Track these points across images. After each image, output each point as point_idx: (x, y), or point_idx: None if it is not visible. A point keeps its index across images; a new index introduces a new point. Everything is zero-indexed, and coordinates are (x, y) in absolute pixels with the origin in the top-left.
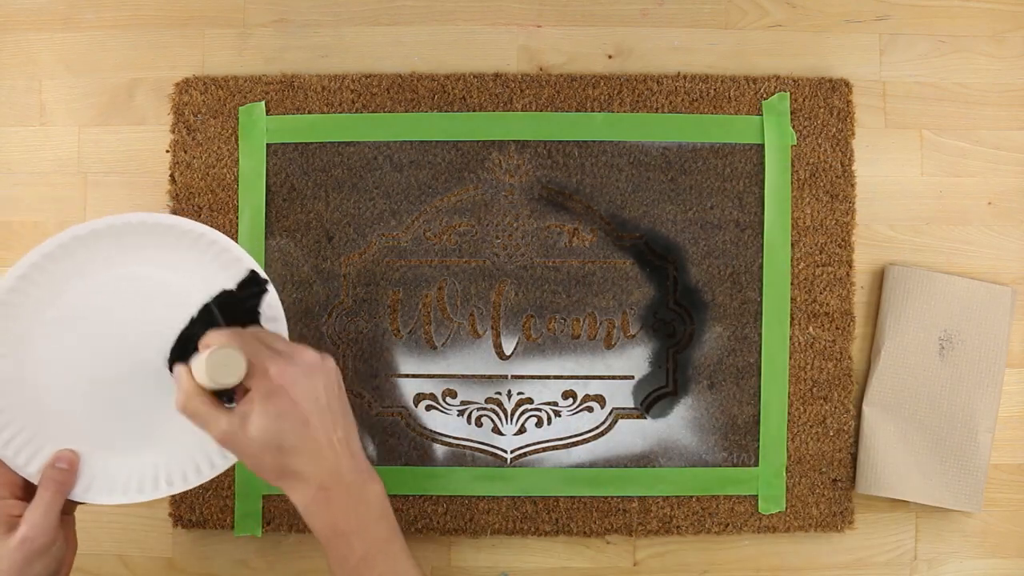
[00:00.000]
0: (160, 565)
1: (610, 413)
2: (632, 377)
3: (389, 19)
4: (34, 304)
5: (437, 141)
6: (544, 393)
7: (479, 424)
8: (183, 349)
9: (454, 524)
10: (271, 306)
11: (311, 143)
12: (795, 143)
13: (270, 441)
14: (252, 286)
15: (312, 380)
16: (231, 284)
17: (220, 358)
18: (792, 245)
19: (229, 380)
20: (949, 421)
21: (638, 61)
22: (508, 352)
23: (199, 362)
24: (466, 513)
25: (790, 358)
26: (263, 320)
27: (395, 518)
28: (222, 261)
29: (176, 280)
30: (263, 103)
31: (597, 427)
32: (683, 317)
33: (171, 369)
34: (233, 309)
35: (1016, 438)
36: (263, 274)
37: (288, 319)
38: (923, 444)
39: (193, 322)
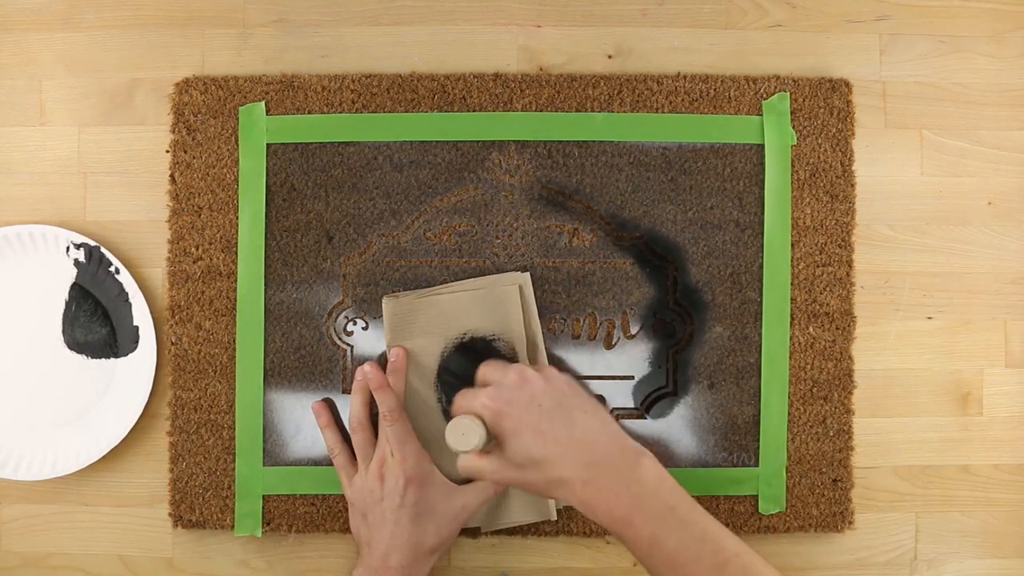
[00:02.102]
0: (160, 565)
1: (610, 413)
2: (632, 377)
3: (389, 19)
4: None
5: (437, 141)
6: None
7: None
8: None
9: None
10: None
11: (311, 143)
12: (795, 143)
13: (525, 459)
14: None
15: (523, 392)
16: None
17: (456, 429)
18: (792, 245)
19: (465, 447)
20: None
21: (638, 61)
22: None
23: (450, 426)
24: None
25: (790, 358)
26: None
27: (675, 484)
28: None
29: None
30: (263, 103)
31: None
32: (683, 317)
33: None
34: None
35: (1016, 438)
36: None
37: (288, 319)
38: None
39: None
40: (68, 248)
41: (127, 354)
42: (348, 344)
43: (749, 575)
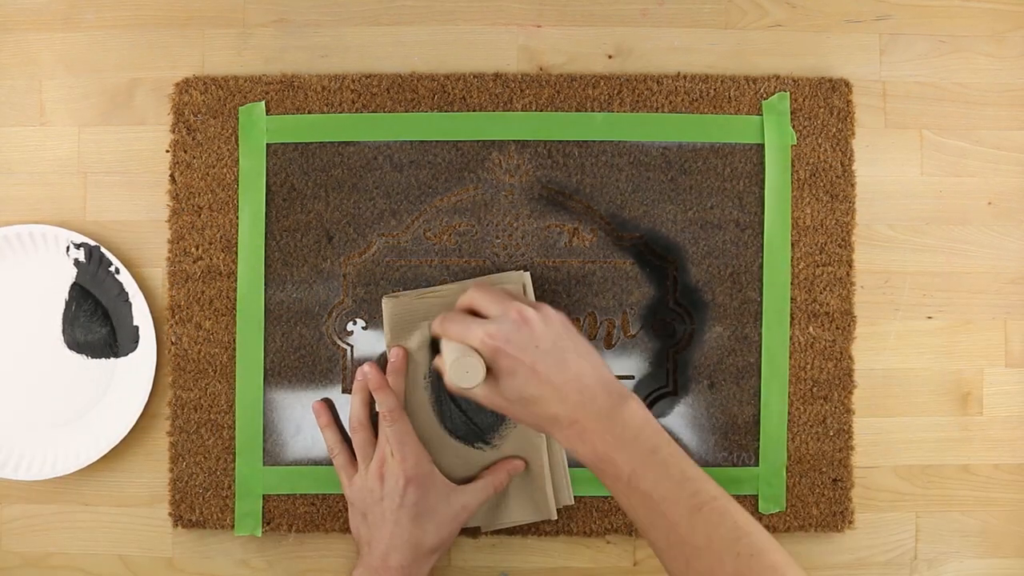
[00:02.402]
0: (160, 565)
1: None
2: (632, 377)
3: (389, 19)
4: None
5: (437, 141)
6: None
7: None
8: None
9: None
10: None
11: (311, 143)
12: (795, 143)
13: (517, 397)
14: None
15: (523, 331)
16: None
17: (460, 367)
18: (792, 245)
19: (468, 384)
20: None
21: (638, 61)
22: None
23: (448, 358)
24: None
25: (790, 358)
26: None
27: (658, 427)
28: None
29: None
30: (263, 103)
31: None
32: (683, 317)
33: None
34: None
35: (1016, 438)
36: None
37: (288, 319)
38: None
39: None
40: (68, 248)
41: (127, 354)
42: (348, 344)
43: (725, 519)
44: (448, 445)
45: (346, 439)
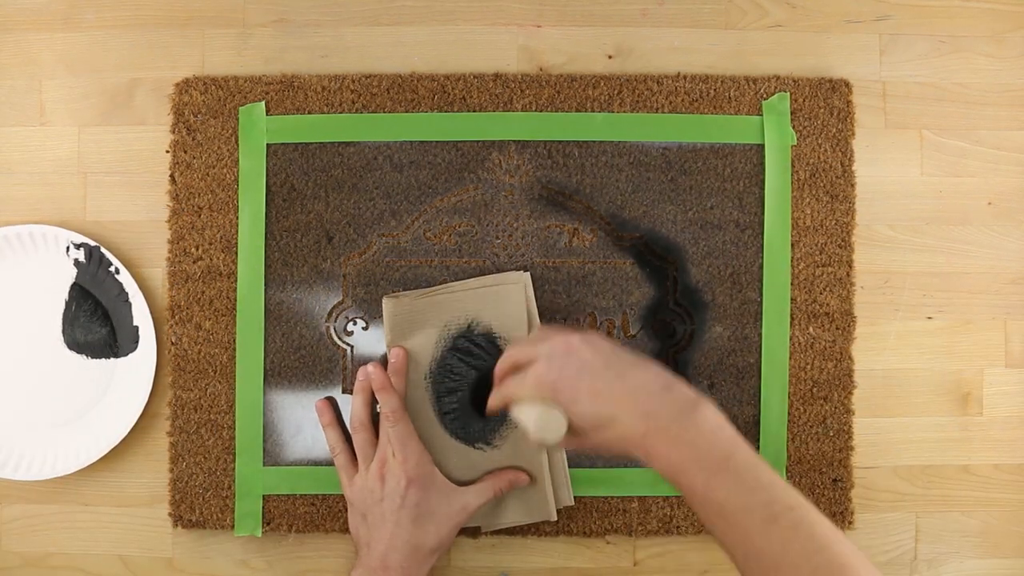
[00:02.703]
0: (160, 565)
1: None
2: None
3: (389, 19)
4: None
5: (437, 141)
6: None
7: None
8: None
9: None
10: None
11: (311, 143)
12: (795, 143)
13: (589, 425)
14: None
15: (571, 360)
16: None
17: (543, 423)
18: (792, 245)
19: (554, 438)
20: None
21: (638, 61)
22: None
23: (527, 419)
24: None
25: (790, 358)
26: None
27: (733, 433)
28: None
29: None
30: (263, 103)
31: None
32: (683, 317)
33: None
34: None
35: (1016, 438)
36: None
37: (288, 319)
38: None
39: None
40: (68, 248)
41: (127, 354)
42: (348, 344)
43: (801, 529)
44: (449, 446)
45: (347, 439)
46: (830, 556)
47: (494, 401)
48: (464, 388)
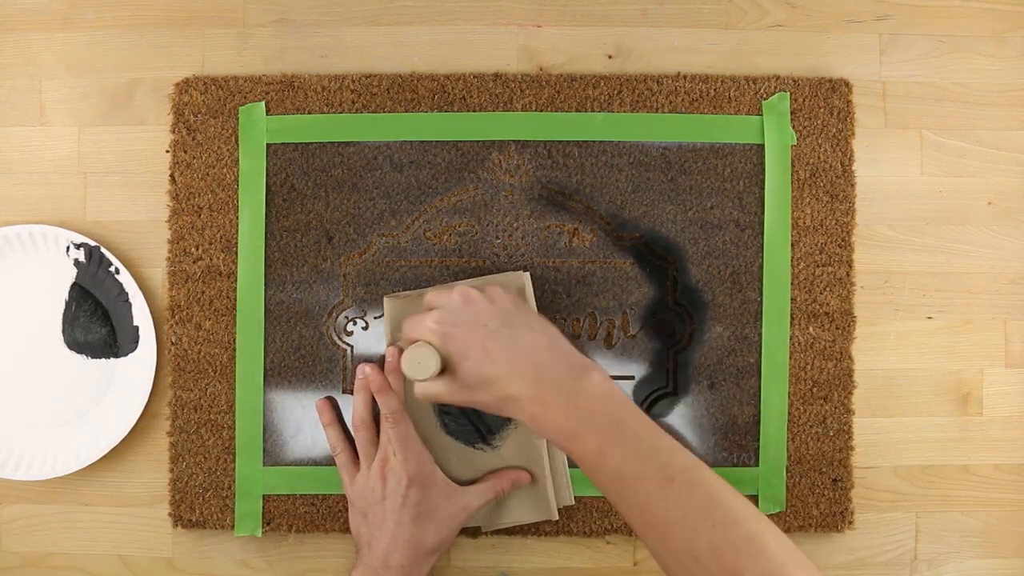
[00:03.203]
0: (160, 565)
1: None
2: (632, 377)
3: (389, 19)
4: None
5: (437, 141)
6: None
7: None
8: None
9: None
10: None
11: (311, 143)
12: (795, 143)
13: (475, 381)
14: None
15: (467, 313)
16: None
17: (413, 357)
18: (792, 245)
19: (423, 375)
20: None
21: (638, 61)
22: None
23: (404, 356)
24: None
25: (790, 358)
26: None
27: (624, 398)
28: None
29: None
30: (263, 103)
31: None
32: (683, 317)
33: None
34: None
35: (1016, 438)
36: None
37: (288, 319)
38: None
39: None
40: (68, 248)
41: (127, 354)
42: (348, 344)
43: (698, 487)
44: (449, 446)
45: (349, 438)
46: (726, 512)
47: (403, 335)
48: None
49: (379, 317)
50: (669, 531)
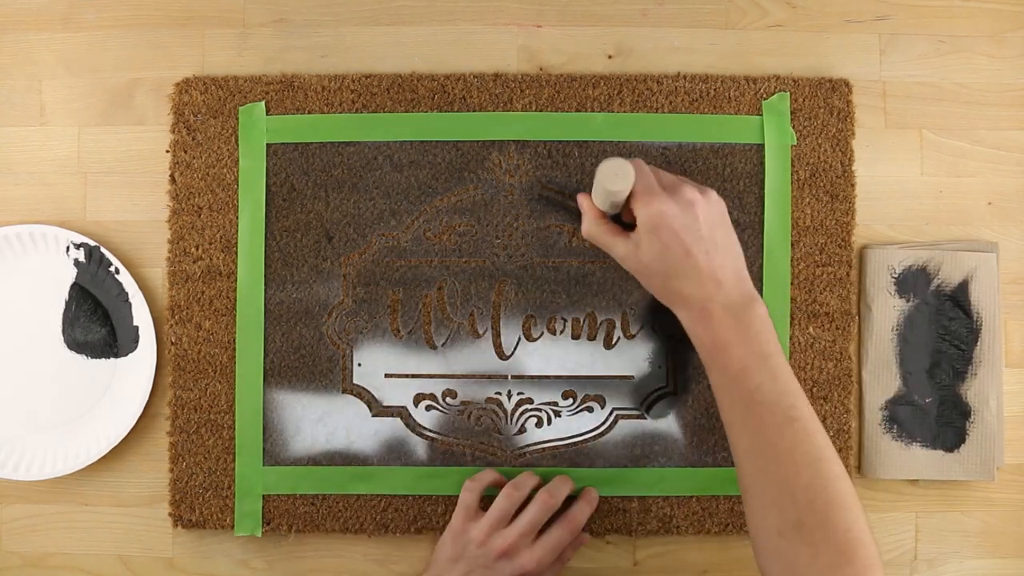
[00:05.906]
0: (160, 565)
1: (610, 413)
2: (632, 377)
3: (389, 19)
4: None
5: (437, 141)
6: (544, 393)
7: (479, 424)
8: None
9: None
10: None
11: (311, 143)
12: (795, 143)
13: (658, 267)
14: None
15: (690, 214)
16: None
17: (611, 167)
18: (792, 245)
19: (619, 187)
20: None
21: (638, 61)
22: (508, 352)
23: (596, 184)
24: None
25: (790, 358)
26: None
27: (775, 337)
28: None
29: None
30: (263, 103)
31: (597, 427)
32: None
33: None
34: None
35: (1016, 438)
36: None
37: (288, 319)
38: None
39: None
40: (68, 248)
41: (127, 354)
42: (348, 344)
43: (813, 436)
44: None
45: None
46: (830, 466)
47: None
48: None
49: (379, 317)
50: (776, 459)
